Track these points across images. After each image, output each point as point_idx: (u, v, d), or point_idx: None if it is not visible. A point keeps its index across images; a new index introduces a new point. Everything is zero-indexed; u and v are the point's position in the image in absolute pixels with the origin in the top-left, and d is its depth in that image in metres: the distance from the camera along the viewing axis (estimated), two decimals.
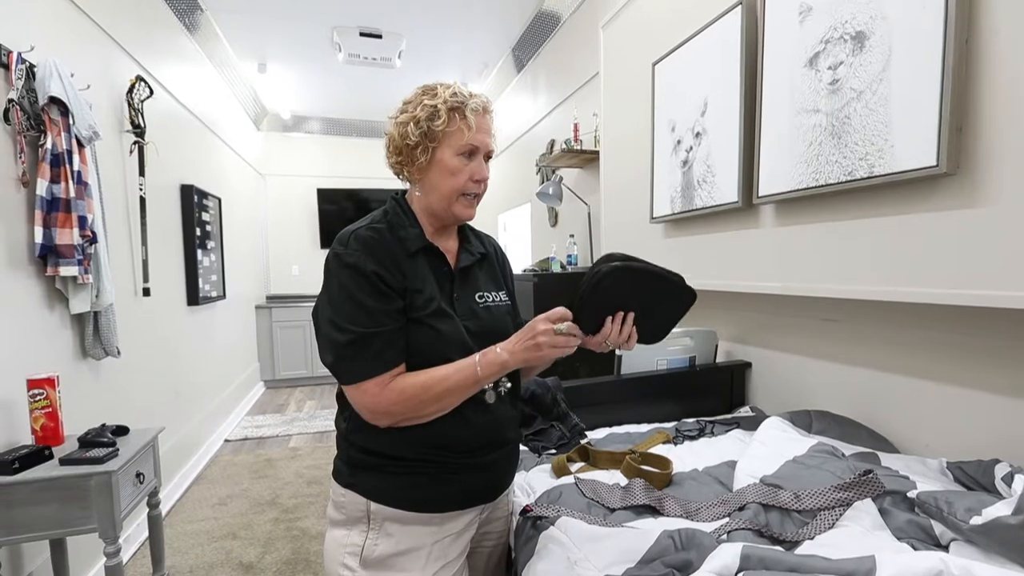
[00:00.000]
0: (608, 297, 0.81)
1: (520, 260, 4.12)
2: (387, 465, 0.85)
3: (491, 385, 0.85)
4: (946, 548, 0.85)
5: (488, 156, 0.90)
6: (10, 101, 1.49)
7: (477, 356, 0.81)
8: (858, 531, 0.90)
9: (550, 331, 0.78)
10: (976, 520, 0.79)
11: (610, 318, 0.82)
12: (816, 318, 1.50)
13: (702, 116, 1.65)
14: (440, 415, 0.82)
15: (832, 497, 0.95)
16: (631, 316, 0.83)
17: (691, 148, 1.71)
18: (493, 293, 0.96)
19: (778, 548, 0.83)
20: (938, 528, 0.88)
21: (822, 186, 1.22)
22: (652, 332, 0.88)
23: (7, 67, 1.49)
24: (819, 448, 1.14)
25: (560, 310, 0.81)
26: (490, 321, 0.91)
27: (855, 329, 1.38)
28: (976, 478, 1.03)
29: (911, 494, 0.96)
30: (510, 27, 3.49)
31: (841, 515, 0.93)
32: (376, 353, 0.79)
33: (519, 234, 4.33)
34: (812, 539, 0.90)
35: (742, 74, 1.47)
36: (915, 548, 0.85)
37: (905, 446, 1.26)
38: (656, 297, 0.85)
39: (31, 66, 1.56)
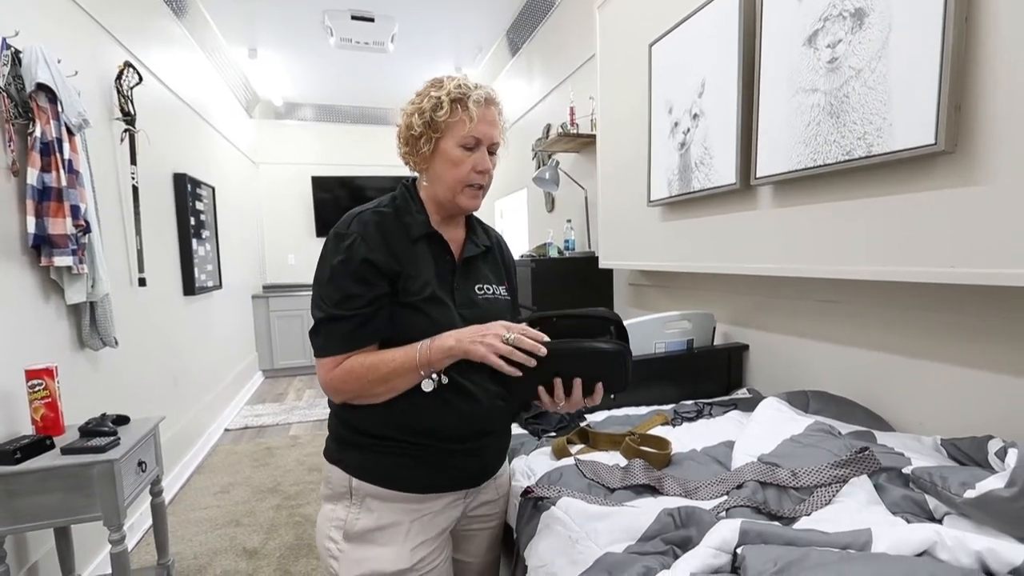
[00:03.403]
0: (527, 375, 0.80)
1: (517, 246, 4.11)
2: (373, 444, 0.88)
3: (432, 375, 0.82)
4: (940, 522, 0.86)
5: (493, 148, 0.90)
6: None
7: (427, 340, 0.82)
8: (854, 506, 0.91)
9: (500, 336, 0.78)
10: (970, 494, 0.81)
11: (541, 388, 0.82)
12: (813, 299, 1.50)
13: (700, 97, 1.64)
14: (391, 395, 0.83)
15: (829, 474, 0.97)
16: (570, 383, 0.81)
17: (688, 130, 1.70)
18: (494, 286, 0.97)
19: (776, 523, 0.85)
20: (932, 502, 0.90)
21: (820, 166, 1.22)
22: (609, 388, 0.84)
23: None
24: (816, 427, 1.16)
25: (522, 327, 0.81)
26: (488, 312, 0.91)
27: (852, 310, 1.39)
28: (969, 454, 1.05)
29: (906, 470, 0.97)
30: (504, 9, 3.43)
31: (837, 491, 0.94)
32: (343, 334, 0.82)
33: (516, 220, 4.31)
34: (809, 515, 0.91)
35: (740, 54, 1.45)
36: (909, 522, 0.86)
37: (900, 424, 1.28)
38: (582, 365, 0.81)
39: (17, 52, 1.53)
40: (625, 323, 1.66)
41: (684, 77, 1.71)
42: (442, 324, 0.85)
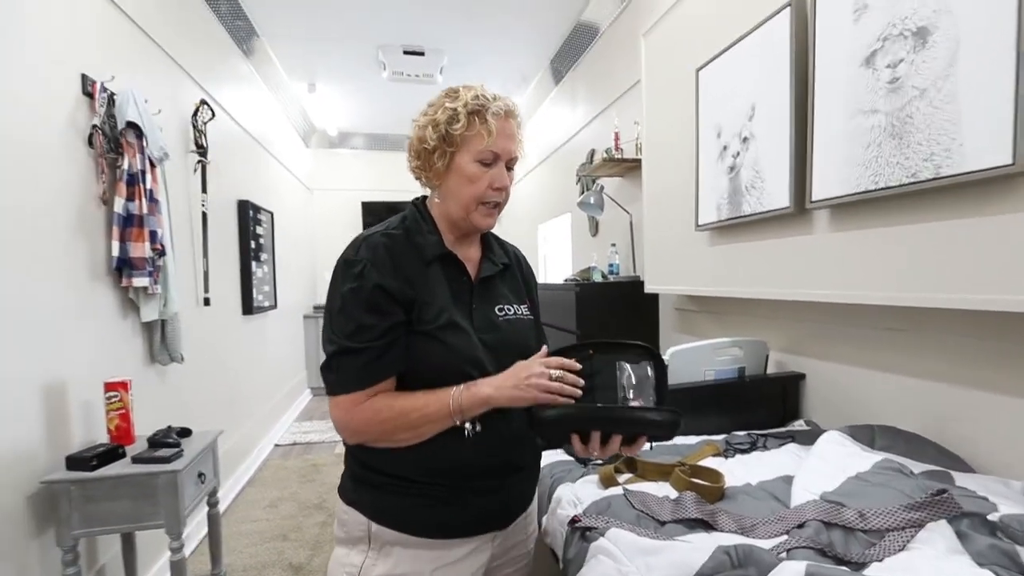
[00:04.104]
0: (557, 431, 0.77)
1: (560, 270, 4.11)
2: (389, 484, 0.81)
3: (469, 421, 0.78)
4: None
5: (511, 163, 0.85)
6: (93, 127, 1.63)
7: (461, 387, 0.76)
8: (932, 555, 0.84)
9: (546, 375, 0.74)
10: None
11: (575, 436, 0.77)
12: (877, 327, 1.42)
13: (750, 120, 1.61)
14: (415, 442, 0.77)
15: (902, 517, 0.90)
16: (608, 436, 0.77)
17: (738, 153, 1.68)
18: (515, 306, 0.91)
19: (844, 568, 0.79)
20: None
21: (882, 189, 1.17)
22: (651, 440, 0.80)
23: (91, 96, 1.64)
24: (885, 464, 1.08)
25: (559, 359, 0.77)
26: (510, 334, 0.87)
27: (922, 339, 1.30)
28: None
29: (992, 517, 0.89)
30: (548, 39, 3.53)
31: (912, 537, 0.87)
32: (358, 369, 0.76)
33: (559, 244, 4.33)
34: (880, 561, 0.84)
35: (792, 77, 1.43)
36: None
37: (982, 465, 1.17)
38: (627, 429, 0.77)
39: (112, 94, 1.70)
40: (673, 349, 1.63)
41: (733, 101, 1.70)
42: (460, 351, 0.80)
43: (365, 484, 0.83)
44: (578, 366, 0.76)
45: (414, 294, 0.79)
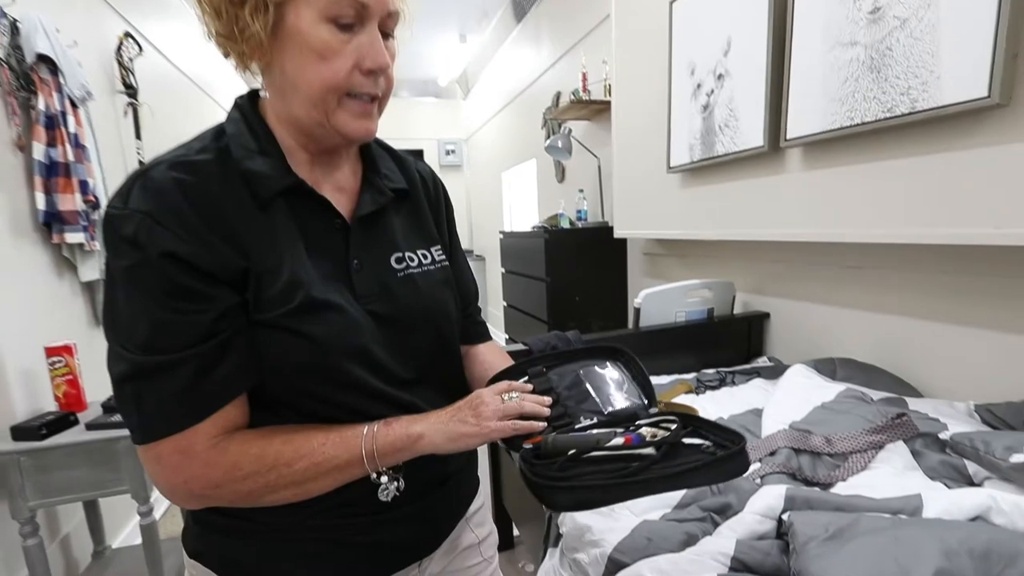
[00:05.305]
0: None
1: (527, 217, 4.06)
2: (256, 531, 0.54)
3: (388, 473, 0.53)
4: (980, 486, 0.85)
5: (389, 25, 0.51)
6: None
7: (375, 426, 0.51)
8: (891, 472, 0.90)
9: (498, 399, 0.55)
10: (1017, 458, 0.79)
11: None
12: (838, 265, 1.47)
13: (725, 56, 1.57)
14: (294, 501, 0.50)
15: (865, 440, 0.95)
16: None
17: (712, 91, 1.64)
18: (421, 252, 0.61)
19: (816, 489, 0.84)
20: (972, 467, 0.89)
21: (857, 125, 1.16)
22: None
23: None
24: (848, 394, 1.14)
25: (506, 383, 0.59)
26: (413, 298, 0.58)
27: (880, 275, 1.36)
28: (1005, 419, 1.03)
29: (943, 435, 0.96)
30: None
31: (873, 457, 0.93)
32: (174, 396, 0.46)
33: (525, 191, 4.25)
34: (845, 480, 0.90)
35: (770, 9, 1.38)
36: (949, 487, 0.85)
37: (930, 391, 1.26)
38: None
39: (15, 21, 1.47)
40: (646, 292, 1.65)
41: (708, 35, 1.64)
42: (329, 342, 0.50)
43: (216, 530, 0.55)
44: (528, 387, 0.59)
45: (245, 261, 0.48)
